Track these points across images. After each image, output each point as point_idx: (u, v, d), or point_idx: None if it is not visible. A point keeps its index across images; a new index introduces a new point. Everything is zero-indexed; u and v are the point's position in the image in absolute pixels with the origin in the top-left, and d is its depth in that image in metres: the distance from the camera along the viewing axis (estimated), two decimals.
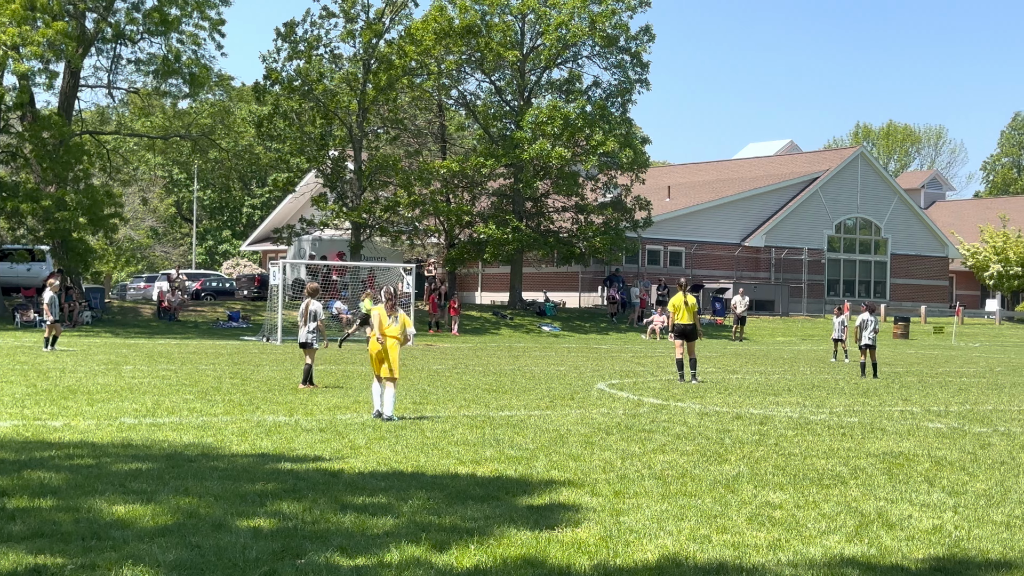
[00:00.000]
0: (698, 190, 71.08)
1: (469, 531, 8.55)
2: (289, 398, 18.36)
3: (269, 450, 12.50)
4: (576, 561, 7.73)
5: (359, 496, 9.85)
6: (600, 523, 8.92)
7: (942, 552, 8.20)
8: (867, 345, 26.75)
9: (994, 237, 74.27)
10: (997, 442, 14.44)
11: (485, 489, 10.31)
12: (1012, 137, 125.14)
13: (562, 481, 10.80)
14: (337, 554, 7.79)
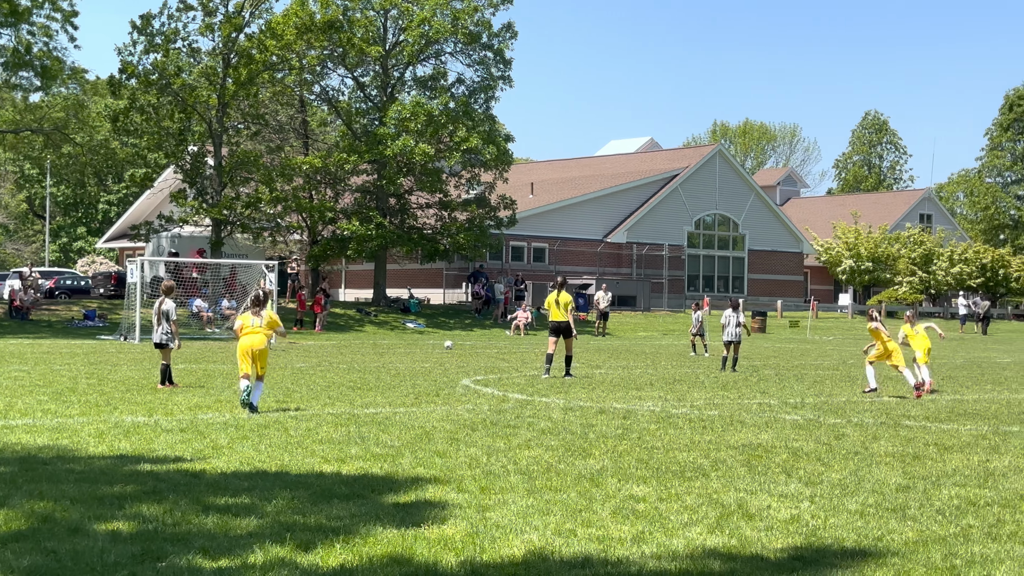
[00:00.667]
0: (561, 187, 71.62)
1: (335, 530, 8.48)
2: (148, 398, 18.00)
3: (128, 451, 12.23)
4: (443, 558, 7.73)
5: (222, 497, 9.70)
6: (466, 519, 8.93)
7: (800, 541, 8.39)
8: (730, 341, 27.30)
9: (846, 233, 76.28)
10: (851, 433, 14.83)
11: (351, 487, 10.25)
12: (863, 136, 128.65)
13: (428, 478, 10.78)
14: (199, 556, 7.66)
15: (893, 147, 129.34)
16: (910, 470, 11.67)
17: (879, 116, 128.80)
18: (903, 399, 20.21)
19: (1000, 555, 7.97)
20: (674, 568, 7.57)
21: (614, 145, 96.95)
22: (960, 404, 19.43)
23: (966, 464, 12.13)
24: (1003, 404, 19.56)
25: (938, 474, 11.43)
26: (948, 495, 10.24)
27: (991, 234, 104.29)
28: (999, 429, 15.55)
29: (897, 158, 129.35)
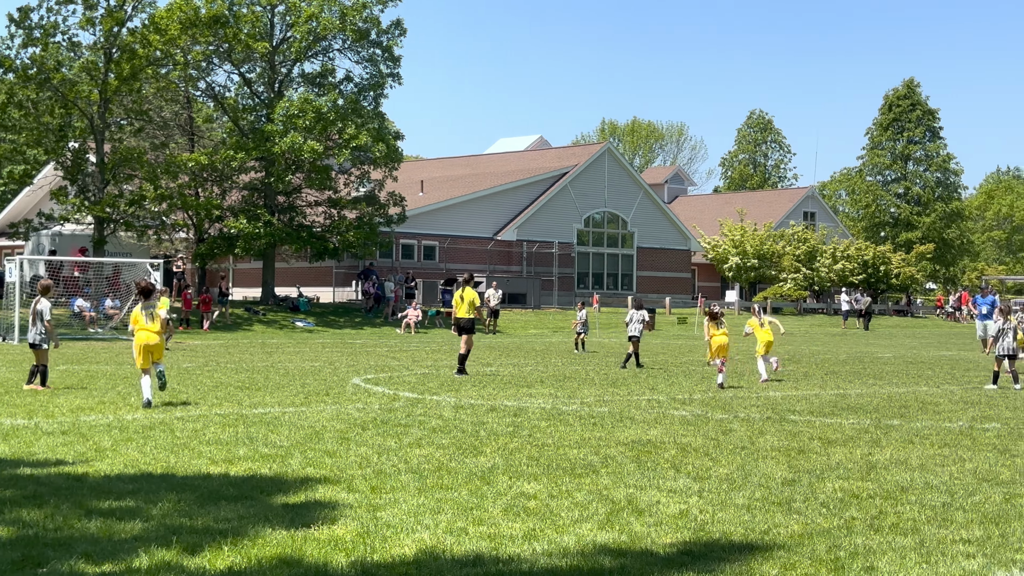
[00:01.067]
0: (451, 184, 71.59)
1: (222, 532, 8.36)
2: (28, 400, 17.57)
3: (7, 455, 11.92)
4: (333, 559, 7.66)
5: (105, 500, 9.49)
6: (357, 519, 8.86)
7: (688, 536, 8.47)
8: (633, 336, 27.57)
9: (733, 231, 77.41)
10: (738, 428, 15.04)
11: (239, 489, 10.11)
12: (748, 135, 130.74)
13: (318, 478, 10.68)
14: (82, 561, 7.49)
15: (778, 146, 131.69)
16: (795, 464, 11.86)
17: (764, 115, 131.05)
18: (787, 395, 20.56)
19: (882, 546, 8.14)
20: (565, 565, 7.59)
21: (504, 143, 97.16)
22: (843, 399, 19.82)
23: (849, 457, 12.36)
24: (884, 398, 20.00)
25: (822, 468, 11.64)
26: (832, 488, 10.42)
27: (872, 231, 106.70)
28: (880, 423, 15.89)
29: (782, 157, 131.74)
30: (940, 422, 16.07)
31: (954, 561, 7.73)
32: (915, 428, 15.25)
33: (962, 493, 10.22)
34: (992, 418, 16.74)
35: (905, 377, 25.88)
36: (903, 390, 21.95)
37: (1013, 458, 12.42)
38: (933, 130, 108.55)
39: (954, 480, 10.94)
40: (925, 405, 18.66)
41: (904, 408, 18.09)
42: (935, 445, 13.44)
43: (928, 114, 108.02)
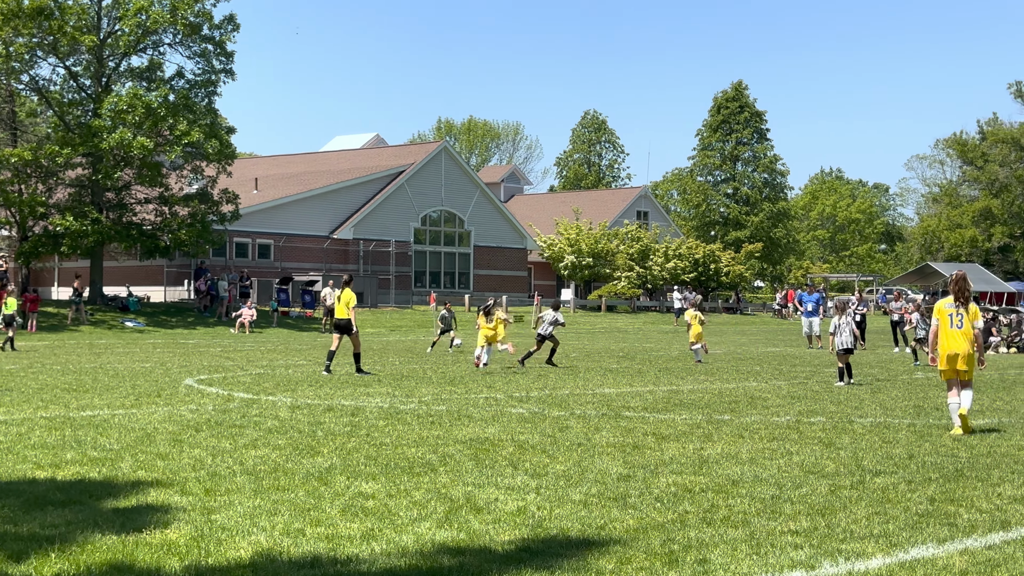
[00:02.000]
0: (286, 182, 70.77)
1: (49, 539, 8.10)
2: None
3: None
4: (166, 563, 7.49)
5: None
6: (191, 523, 8.68)
7: (527, 533, 8.52)
8: (543, 336, 27.98)
9: (568, 229, 78.26)
10: (574, 425, 15.20)
11: (66, 494, 9.81)
12: (582, 135, 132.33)
13: (150, 481, 10.44)
14: None
15: (611, 146, 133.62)
16: (630, 459, 12.04)
17: (598, 116, 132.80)
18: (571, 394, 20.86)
19: (714, 539, 8.32)
20: (404, 564, 7.57)
21: (339, 141, 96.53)
22: (676, 395, 20.21)
23: (682, 452, 12.61)
24: (715, 394, 20.45)
25: (656, 463, 11.84)
26: (666, 483, 10.61)
27: (703, 230, 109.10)
28: (712, 418, 16.25)
29: (615, 157, 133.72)
30: (768, 417, 16.51)
31: (783, 552, 7.94)
32: (745, 423, 15.64)
33: (790, 485, 10.52)
34: (818, 412, 17.27)
35: (735, 373, 26.51)
36: (733, 386, 22.48)
37: (838, 451, 12.83)
38: (760, 132, 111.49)
39: (782, 473, 11.25)
40: (754, 400, 19.14)
41: (734, 403, 18.54)
42: (764, 439, 13.80)
43: (756, 116, 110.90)
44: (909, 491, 10.29)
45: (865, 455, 12.50)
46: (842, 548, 8.07)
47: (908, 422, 15.98)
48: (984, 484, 10.70)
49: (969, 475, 11.20)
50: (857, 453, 12.64)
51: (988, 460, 12.22)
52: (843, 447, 13.15)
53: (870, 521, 8.97)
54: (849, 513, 9.27)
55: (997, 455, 12.62)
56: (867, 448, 13.08)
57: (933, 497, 9.99)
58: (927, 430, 14.97)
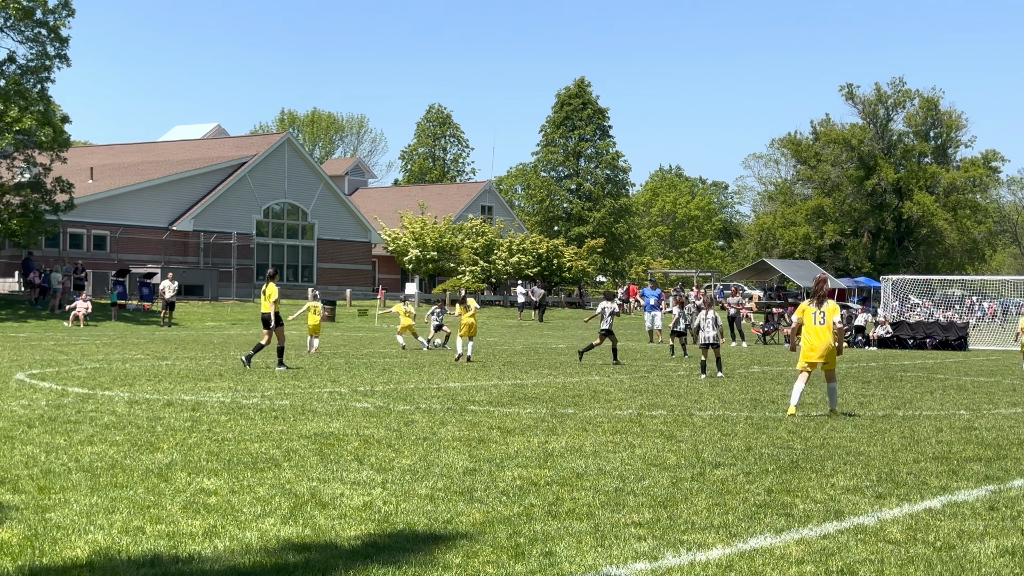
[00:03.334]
0: (123, 172, 69.06)
1: None
2: None
3: None
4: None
5: None
6: (24, 522, 8.40)
7: (373, 528, 8.48)
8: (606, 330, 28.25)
9: (413, 223, 78.04)
10: (420, 419, 15.18)
11: None
12: (427, 129, 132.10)
13: None
14: None
15: (456, 140, 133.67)
16: (476, 453, 12.08)
17: (443, 110, 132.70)
18: (468, 386, 20.92)
19: (560, 532, 8.39)
20: (248, 561, 7.45)
21: (179, 131, 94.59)
22: (520, 389, 20.34)
23: (527, 446, 12.69)
24: (559, 388, 20.65)
25: (502, 456, 11.90)
26: (511, 476, 10.67)
27: (547, 225, 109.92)
28: (556, 411, 16.40)
29: (460, 151, 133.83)
30: (611, 410, 16.73)
31: (627, 544, 8.05)
32: (588, 416, 15.82)
33: (633, 478, 10.67)
34: (659, 405, 17.57)
35: (578, 367, 26.80)
36: (576, 380, 22.73)
37: (679, 443, 13.07)
38: (603, 128, 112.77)
39: (625, 466, 11.41)
40: (597, 394, 19.38)
41: (578, 397, 18.74)
42: (607, 432, 13.99)
43: (598, 113, 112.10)
44: (747, 482, 10.54)
45: (705, 447, 12.76)
46: (684, 539, 8.22)
47: (746, 415, 16.38)
48: (818, 475, 11.02)
49: (804, 466, 11.53)
50: (697, 446, 12.90)
51: (822, 452, 12.60)
52: (684, 440, 13.40)
53: (710, 512, 9.16)
54: (690, 504, 9.45)
55: (830, 447, 13.02)
56: (707, 441, 13.36)
57: (770, 488, 10.25)
58: (764, 423, 15.37)
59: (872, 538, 8.31)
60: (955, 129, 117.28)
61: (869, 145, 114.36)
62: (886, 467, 11.56)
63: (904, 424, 15.51)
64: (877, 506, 9.52)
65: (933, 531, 8.56)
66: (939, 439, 13.87)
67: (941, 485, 10.58)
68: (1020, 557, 7.81)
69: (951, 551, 7.96)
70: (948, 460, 12.11)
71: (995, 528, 8.71)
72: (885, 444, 13.32)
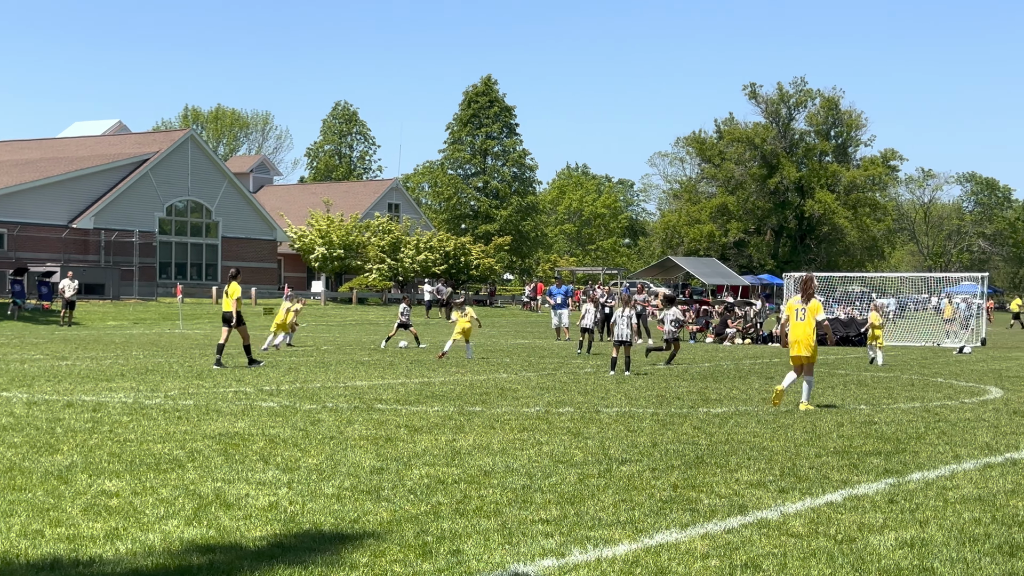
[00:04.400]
0: (20, 169, 67.66)
1: None
2: None
3: None
4: None
5: None
6: None
7: (279, 528, 8.40)
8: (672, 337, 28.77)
9: (319, 221, 77.54)
10: (326, 418, 15.08)
11: None
12: (333, 126, 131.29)
13: None
14: None
15: (363, 137, 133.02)
16: (383, 452, 12.03)
17: (349, 107, 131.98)
18: (375, 385, 20.84)
19: (467, 529, 8.38)
20: (151, 564, 7.34)
21: (79, 127, 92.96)
22: (428, 387, 20.30)
23: (434, 444, 12.67)
24: (466, 386, 20.64)
25: (409, 455, 11.86)
26: (419, 475, 10.64)
27: (454, 223, 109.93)
28: (464, 409, 16.39)
29: (367, 148, 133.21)
30: (519, 407, 16.77)
31: (534, 541, 8.07)
32: (496, 414, 15.84)
33: (540, 475, 10.71)
34: (566, 403, 17.65)
35: (485, 365, 26.82)
36: (484, 378, 22.74)
37: (585, 440, 13.14)
38: (510, 126, 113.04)
39: (532, 463, 11.44)
40: (504, 392, 19.41)
41: (485, 395, 18.75)
42: (515, 430, 14.01)
43: (505, 111, 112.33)
44: (653, 478, 10.63)
45: (611, 444, 12.85)
46: (591, 535, 8.26)
47: (651, 411, 16.52)
48: (723, 470, 11.15)
49: (709, 462, 11.66)
50: (604, 442, 12.98)
51: (726, 447, 12.75)
52: (591, 436, 13.47)
53: (617, 508, 9.22)
54: (597, 501, 9.51)
55: (734, 442, 13.18)
56: (613, 437, 13.45)
57: (676, 484, 10.35)
58: (670, 419, 15.51)
59: (775, 532, 8.43)
60: (855, 128, 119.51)
61: (772, 144, 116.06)
62: (789, 462, 11.73)
63: (806, 419, 15.76)
64: (780, 500, 9.66)
65: (834, 524, 8.70)
66: (840, 434, 14.11)
67: (842, 479, 10.76)
68: (918, 549, 7.97)
69: (852, 544, 8.10)
70: (849, 454, 12.33)
71: (894, 521, 8.88)
72: (788, 439, 13.52)
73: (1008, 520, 8.96)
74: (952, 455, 12.42)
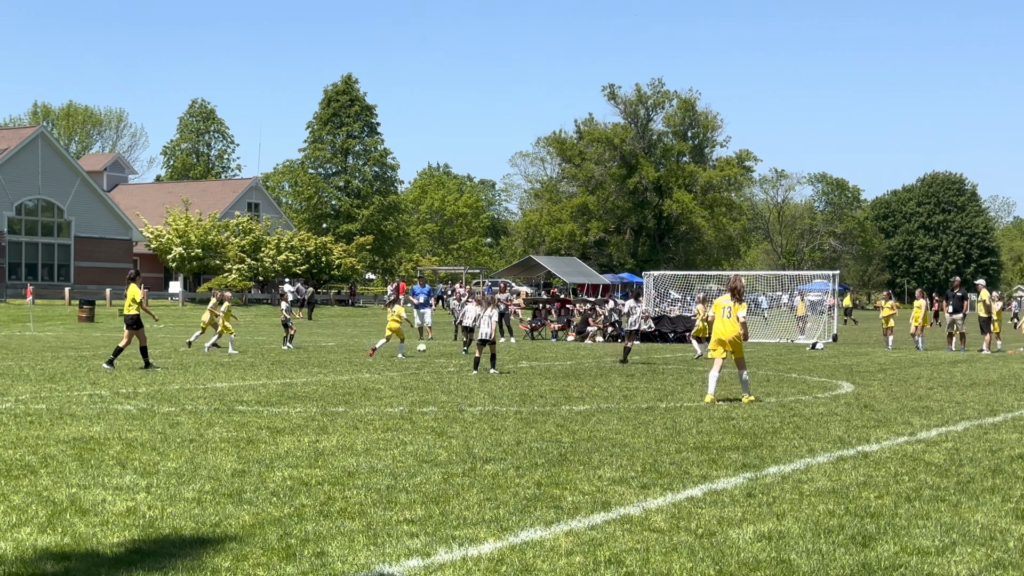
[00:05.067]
0: None
1: None
2: None
3: None
4: None
5: None
6: None
7: (137, 534, 8.23)
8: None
9: (177, 220, 76.17)
10: (186, 420, 14.81)
11: None
12: (190, 123, 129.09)
13: None
14: None
15: (221, 136, 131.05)
16: (245, 454, 11.86)
17: (206, 104, 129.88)
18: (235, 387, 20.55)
19: (332, 531, 8.32)
20: (3, 573, 7.12)
21: None
22: (290, 388, 20.08)
23: (297, 445, 12.54)
24: (329, 386, 20.48)
25: (272, 457, 11.72)
26: (282, 477, 10.52)
27: (315, 223, 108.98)
28: (327, 410, 16.26)
29: (225, 147, 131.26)
30: (382, 407, 16.70)
31: (399, 541, 8.04)
32: (359, 414, 15.74)
33: (405, 475, 10.68)
34: (430, 402, 17.63)
35: (348, 365, 26.65)
36: (347, 378, 22.59)
37: (450, 439, 13.14)
38: (371, 126, 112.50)
39: (397, 463, 11.40)
40: (368, 392, 19.31)
41: (348, 395, 18.63)
42: (378, 430, 13.95)
43: (366, 110, 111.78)
44: (518, 476, 10.68)
45: (476, 443, 12.87)
46: (456, 534, 8.26)
47: (515, 410, 16.59)
48: (586, 467, 11.25)
49: (572, 459, 11.75)
50: (468, 441, 13.00)
51: (589, 444, 12.87)
52: (455, 436, 13.48)
53: (482, 507, 9.24)
54: (462, 500, 9.51)
55: (597, 439, 13.31)
56: (477, 436, 13.47)
57: (540, 481, 10.41)
58: (533, 417, 15.60)
59: (638, 527, 8.54)
60: (711, 129, 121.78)
61: (631, 144, 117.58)
62: (650, 458, 11.89)
63: (667, 415, 16.00)
64: (642, 496, 9.79)
65: (695, 519, 8.85)
66: (700, 429, 14.36)
67: (702, 474, 10.95)
68: (776, 541, 8.15)
69: (712, 537, 8.25)
70: (708, 450, 12.55)
71: (752, 514, 9.07)
72: (649, 435, 13.71)
73: (861, 512, 9.22)
74: (807, 449, 12.73)
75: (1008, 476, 11.02)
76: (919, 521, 8.88)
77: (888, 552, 7.89)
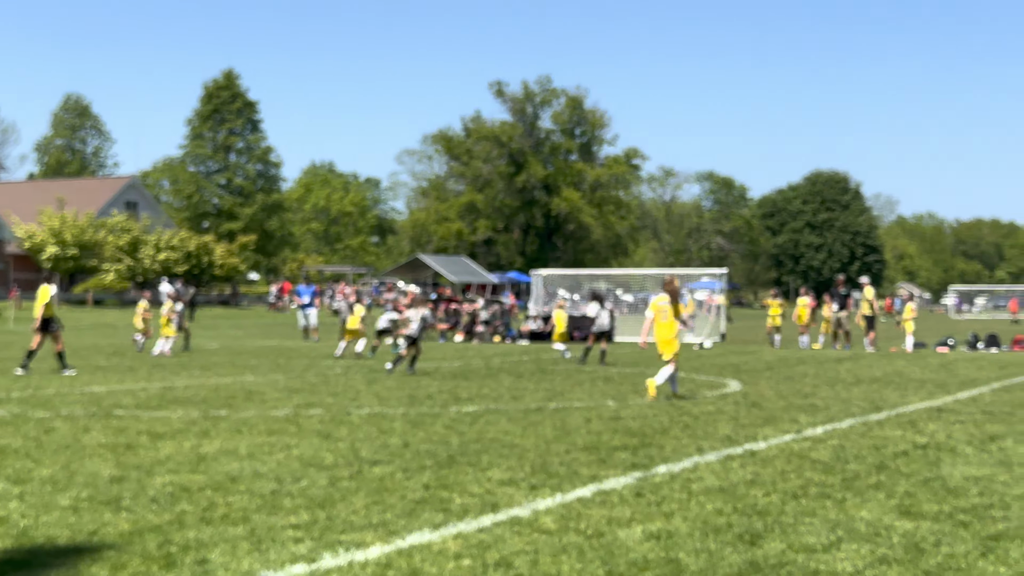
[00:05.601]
0: None
1: None
2: None
3: None
4: None
5: None
6: None
7: (10, 544, 7.93)
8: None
9: (52, 219, 74.34)
10: (61, 426, 14.38)
11: None
12: (64, 119, 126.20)
13: None
14: None
15: (97, 132, 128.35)
16: (123, 460, 11.54)
17: (81, 100, 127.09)
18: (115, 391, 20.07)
19: (214, 538, 8.11)
20: None
21: None
22: (170, 391, 19.66)
23: (179, 451, 12.24)
24: (212, 389, 20.10)
25: (151, 462, 11.42)
26: (162, 483, 10.25)
27: (196, 221, 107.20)
28: (209, 414, 15.93)
29: (101, 144, 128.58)
30: (266, 410, 16.42)
31: (284, 547, 7.86)
32: (243, 418, 15.45)
33: (290, 479, 10.47)
34: (316, 404, 17.39)
35: (231, 367, 26.22)
36: (229, 380, 22.20)
37: (336, 442, 12.95)
38: (253, 122, 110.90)
39: (281, 467, 11.18)
40: (251, 394, 18.99)
41: (231, 398, 18.29)
42: (263, 433, 13.69)
43: (248, 106, 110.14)
44: (405, 479, 10.54)
45: (362, 445, 12.70)
46: (342, 539, 8.11)
47: (403, 411, 16.44)
48: (475, 469, 11.15)
49: (461, 461, 11.65)
50: (355, 444, 12.82)
51: (478, 446, 12.77)
52: (341, 438, 13.29)
53: (369, 511, 9.09)
54: (348, 504, 9.35)
55: (486, 440, 13.22)
56: (364, 438, 13.30)
57: (428, 484, 10.29)
58: (421, 419, 15.46)
59: (527, 529, 8.46)
60: (598, 127, 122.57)
61: (519, 142, 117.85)
62: (539, 458, 11.84)
63: (556, 416, 15.98)
64: (531, 497, 9.72)
65: (584, 519, 8.80)
66: (589, 429, 14.35)
67: (591, 474, 10.92)
68: (664, 541, 8.14)
69: (601, 538, 8.20)
70: (597, 450, 12.54)
71: (641, 514, 9.05)
72: (538, 436, 13.66)
73: (748, 510, 9.26)
74: (695, 447, 12.79)
75: (892, 472, 11.19)
76: (805, 518, 8.94)
77: (775, 550, 7.92)
